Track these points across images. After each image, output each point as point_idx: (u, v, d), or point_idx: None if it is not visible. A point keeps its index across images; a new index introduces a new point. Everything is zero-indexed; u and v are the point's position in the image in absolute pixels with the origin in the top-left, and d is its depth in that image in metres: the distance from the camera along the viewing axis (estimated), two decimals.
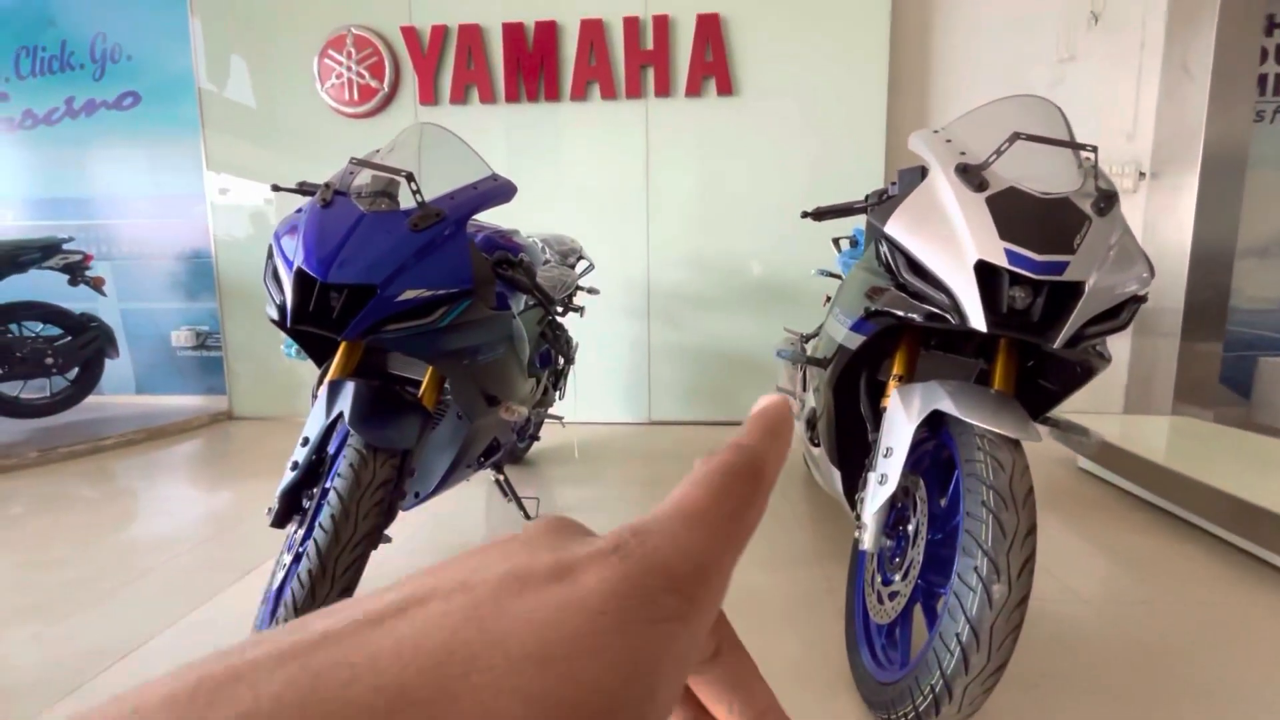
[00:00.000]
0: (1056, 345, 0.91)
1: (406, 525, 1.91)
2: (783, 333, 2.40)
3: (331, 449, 1.19)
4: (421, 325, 1.16)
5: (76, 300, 3.07)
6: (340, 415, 1.15)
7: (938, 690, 0.85)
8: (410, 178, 1.19)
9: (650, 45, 2.98)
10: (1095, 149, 1.04)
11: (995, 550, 0.83)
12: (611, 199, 3.12)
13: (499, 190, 1.32)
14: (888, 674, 1.01)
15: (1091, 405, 3.26)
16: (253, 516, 2.01)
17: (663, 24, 2.96)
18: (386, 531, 1.32)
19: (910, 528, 1.07)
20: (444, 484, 1.54)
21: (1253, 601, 1.45)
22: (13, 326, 2.88)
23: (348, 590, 1.07)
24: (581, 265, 2.45)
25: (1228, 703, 1.11)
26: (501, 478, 1.95)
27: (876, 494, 1.06)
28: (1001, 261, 0.92)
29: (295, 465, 1.17)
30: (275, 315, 1.17)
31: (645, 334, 3.20)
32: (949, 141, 1.13)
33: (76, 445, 2.70)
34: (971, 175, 1.02)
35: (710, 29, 2.95)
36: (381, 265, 1.12)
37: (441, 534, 1.87)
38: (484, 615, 0.12)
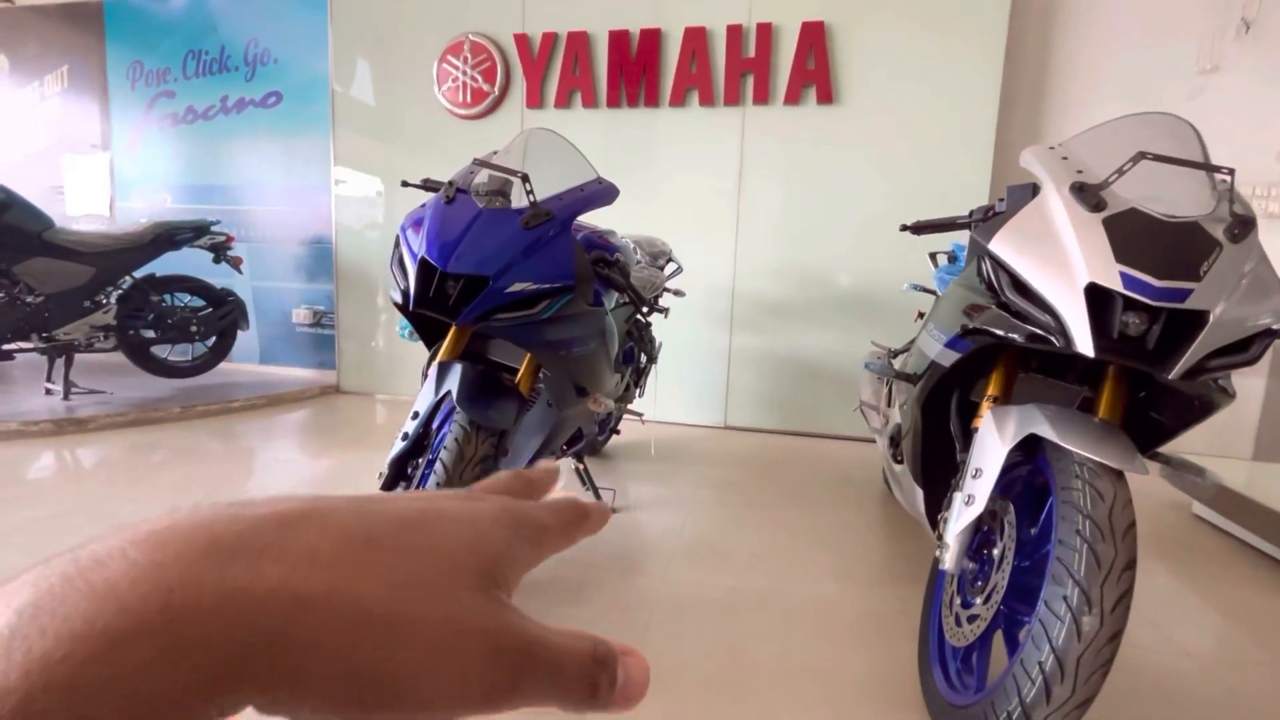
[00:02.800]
0: (1173, 376, 0.87)
1: None
2: (869, 346, 2.36)
3: (437, 423, 1.30)
4: (526, 316, 1.25)
5: (216, 277, 3.45)
6: (448, 394, 1.26)
7: (1015, 717, 0.84)
8: (525, 179, 1.28)
9: (752, 53, 2.99)
10: (1232, 171, 0.98)
11: (1089, 581, 0.80)
12: (703, 204, 3.16)
13: (603, 193, 1.40)
14: (961, 697, 0.99)
15: (1216, 448, 2.97)
16: (352, 481, 2.19)
17: (766, 31, 2.96)
18: None
19: (996, 552, 1.04)
20: (530, 467, 1.63)
21: None
22: (166, 296, 3.27)
23: None
24: (670, 268, 2.51)
25: None
26: (581, 467, 2.03)
27: (962, 515, 1.04)
28: (1116, 285, 0.89)
29: (405, 436, 1.29)
30: (399, 299, 1.29)
31: (727, 339, 3.22)
32: (1065, 159, 1.10)
33: (210, 405, 3.04)
34: (1088, 195, 0.99)
35: (814, 36, 2.93)
36: (494, 258, 1.21)
37: None
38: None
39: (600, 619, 1.38)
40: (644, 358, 2.39)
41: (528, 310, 1.25)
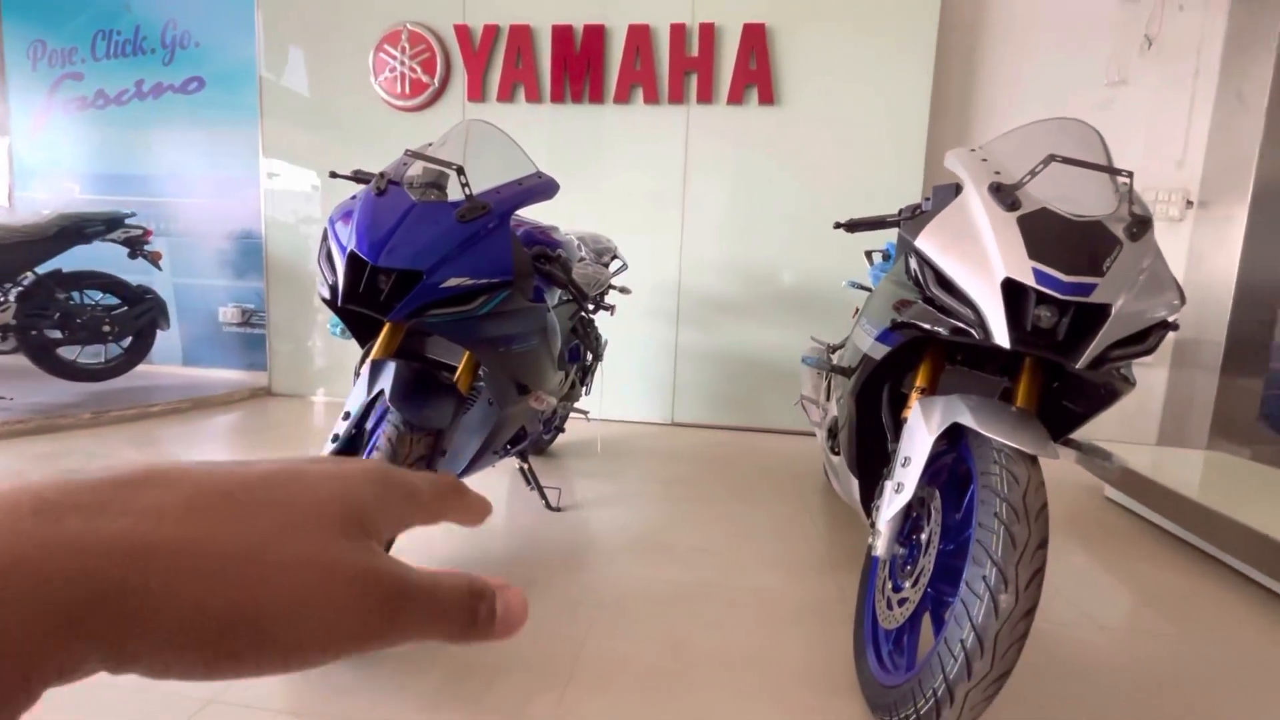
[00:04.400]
0: (1080, 366, 0.93)
1: None
2: (810, 342, 2.42)
3: (370, 424, 1.26)
4: (462, 312, 1.22)
5: (133, 273, 3.23)
6: (381, 393, 1.22)
7: (939, 695, 0.87)
8: (460, 171, 1.25)
9: (695, 52, 3.02)
10: (1131, 174, 1.05)
11: (1005, 561, 0.85)
12: (649, 201, 3.17)
13: (542, 187, 1.38)
14: (892, 678, 1.03)
15: (1124, 435, 3.19)
16: None
17: (709, 32, 3.00)
18: None
19: (923, 536, 1.08)
20: (471, 467, 1.60)
21: (1276, 641, 1.43)
22: (75, 294, 3.04)
23: None
24: (615, 264, 2.50)
25: None
26: (526, 466, 2.00)
27: (892, 502, 1.08)
28: (1029, 280, 0.94)
29: (336, 437, 1.24)
30: (327, 294, 1.24)
31: (673, 336, 3.24)
32: (984, 160, 1.15)
33: (127, 410, 2.85)
34: (1004, 194, 1.04)
35: (755, 38, 2.98)
36: (428, 253, 1.18)
37: None
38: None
39: (544, 617, 1.37)
40: (590, 355, 2.38)
41: (464, 306, 1.22)
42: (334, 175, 1.45)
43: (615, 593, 1.50)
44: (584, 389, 2.41)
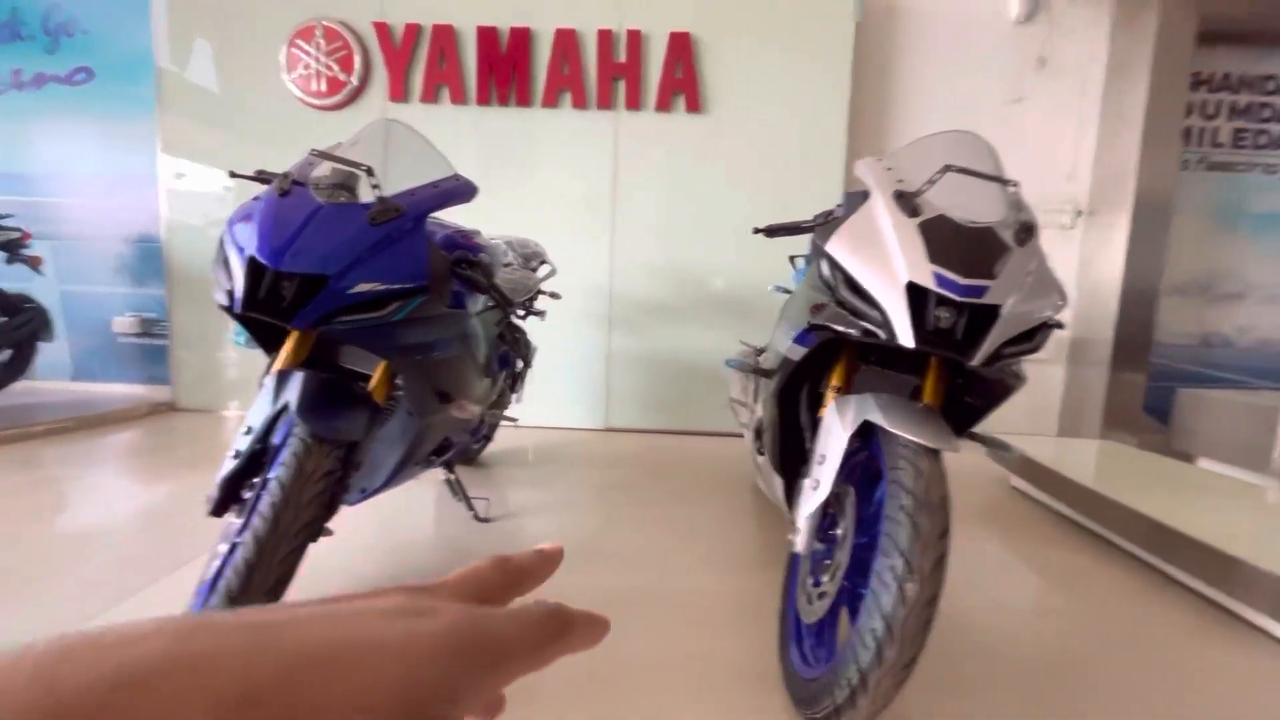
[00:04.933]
0: (975, 363, 0.98)
1: (351, 521, 1.88)
2: (739, 345, 2.46)
3: (276, 439, 1.18)
4: (374, 318, 1.17)
5: (11, 280, 2.93)
6: (286, 405, 1.15)
7: (854, 684, 0.90)
8: (370, 172, 1.20)
9: (623, 58, 3.04)
10: (1018, 183, 1.12)
11: (910, 551, 0.88)
12: (579, 206, 3.16)
13: (459, 190, 1.34)
14: (814, 671, 1.05)
15: (1028, 428, 3.42)
16: (190, 510, 1.95)
17: (636, 39, 3.02)
18: (328, 525, 1.31)
19: (839, 531, 1.12)
20: (392, 480, 1.54)
21: (1160, 616, 1.56)
22: None
23: (284, 580, 1.06)
24: (544, 269, 2.47)
25: (1130, 706, 1.19)
26: (452, 477, 1.95)
27: (810, 499, 1.11)
28: (929, 283, 0.99)
29: (237, 454, 1.16)
30: (224, 301, 1.16)
31: (606, 341, 3.24)
32: (889, 169, 1.21)
33: (6, 430, 2.58)
34: (906, 202, 1.09)
35: (681, 47, 3.03)
36: (336, 256, 1.12)
37: (387, 531, 1.85)
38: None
39: None
40: (519, 362, 2.34)
41: (376, 312, 1.17)
42: (234, 175, 1.36)
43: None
44: (514, 396, 2.36)
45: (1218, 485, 2.23)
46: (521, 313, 2.29)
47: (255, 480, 1.18)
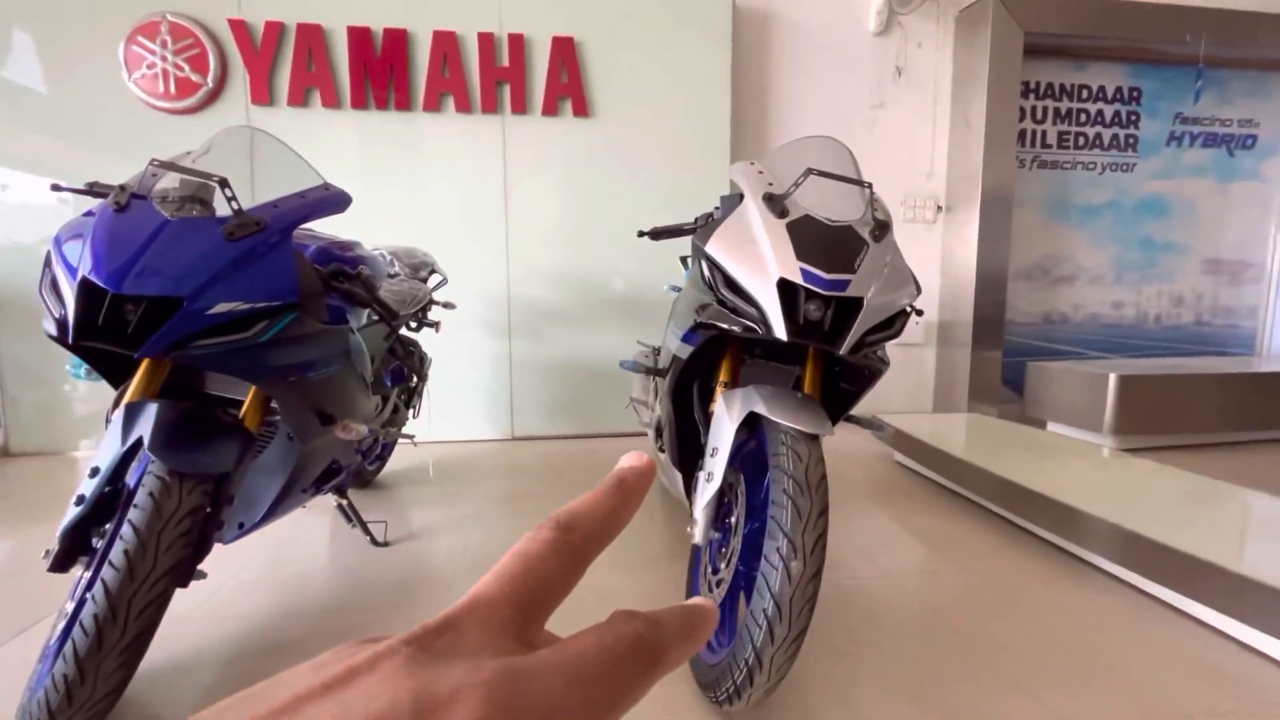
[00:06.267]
0: (843, 352, 1.06)
1: (238, 557, 1.75)
2: (636, 345, 2.50)
3: (131, 480, 1.07)
4: (238, 340, 1.09)
5: None
6: (139, 440, 1.04)
7: (750, 663, 0.95)
8: (224, 183, 1.11)
9: (506, 62, 3.00)
10: (871, 184, 1.23)
11: (793, 531, 0.94)
12: (470, 213, 3.08)
13: (330, 200, 1.28)
14: (716, 656, 1.10)
15: (907, 406, 3.72)
16: (30, 569, 1.72)
17: (518, 42, 2.99)
18: (201, 567, 1.21)
19: (732, 520, 1.17)
20: (274, 511, 1.44)
21: (1019, 567, 1.75)
22: None
23: (145, 634, 0.96)
24: (435, 279, 2.39)
25: (997, 651, 1.33)
26: (345, 502, 1.84)
27: (704, 490, 1.15)
28: (798, 279, 1.06)
29: (81, 499, 1.04)
30: (53, 330, 1.03)
31: (506, 349, 3.18)
32: (761, 172, 1.28)
33: None
34: (775, 203, 1.16)
35: (565, 51, 3.03)
36: (189, 276, 1.03)
37: (278, 565, 1.72)
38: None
39: None
40: (414, 377, 2.25)
41: (241, 334, 1.09)
42: (56, 188, 1.22)
43: None
44: (411, 412, 2.27)
45: (1063, 446, 2.53)
46: (414, 324, 2.20)
47: (108, 527, 1.06)
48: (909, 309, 1.18)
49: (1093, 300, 4.03)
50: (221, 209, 1.15)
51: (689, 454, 1.49)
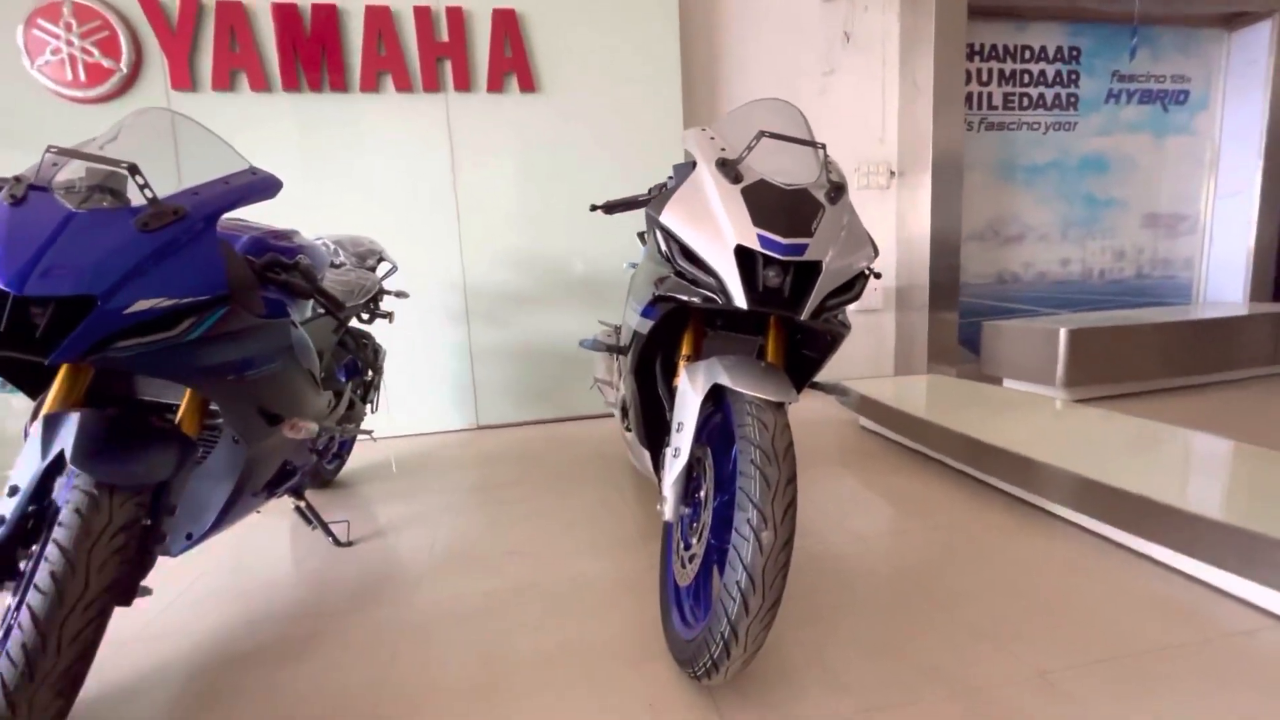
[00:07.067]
0: (804, 317, 1.04)
1: (191, 569, 1.67)
2: (598, 325, 2.46)
3: (59, 497, 0.99)
4: (164, 340, 1.01)
5: None
6: (61, 453, 0.96)
7: (726, 636, 0.94)
8: (135, 170, 1.02)
9: (446, 37, 2.87)
10: (824, 145, 1.20)
11: (762, 501, 0.93)
12: (418, 197, 2.97)
13: (257, 185, 1.19)
14: (692, 631, 1.09)
15: (869, 371, 3.78)
16: None
17: (457, 16, 2.87)
18: (145, 583, 1.14)
19: (702, 494, 1.15)
20: (224, 519, 1.36)
21: (982, 520, 1.79)
22: None
23: (82, 660, 0.90)
24: (384, 268, 2.30)
25: (964, 603, 1.36)
26: (303, 504, 1.77)
27: (672, 466, 1.13)
28: (755, 245, 1.03)
29: (1, 520, 0.96)
30: None
31: (466, 336, 3.10)
32: (713, 139, 1.24)
33: None
34: (729, 169, 1.13)
35: (508, 24, 2.92)
36: (102, 272, 0.95)
37: (237, 574, 1.65)
38: None
39: (331, 669, 1.22)
40: (369, 370, 2.17)
41: (166, 332, 1.01)
42: None
43: (420, 619, 1.39)
44: (368, 407, 2.19)
45: (1019, 401, 2.60)
46: (365, 316, 2.11)
47: (34, 549, 0.98)
48: (867, 271, 1.17)
49: (1042, 258, 4.14)
50: (136, 199, 1.06)
51: (655, 431, 1.47)
